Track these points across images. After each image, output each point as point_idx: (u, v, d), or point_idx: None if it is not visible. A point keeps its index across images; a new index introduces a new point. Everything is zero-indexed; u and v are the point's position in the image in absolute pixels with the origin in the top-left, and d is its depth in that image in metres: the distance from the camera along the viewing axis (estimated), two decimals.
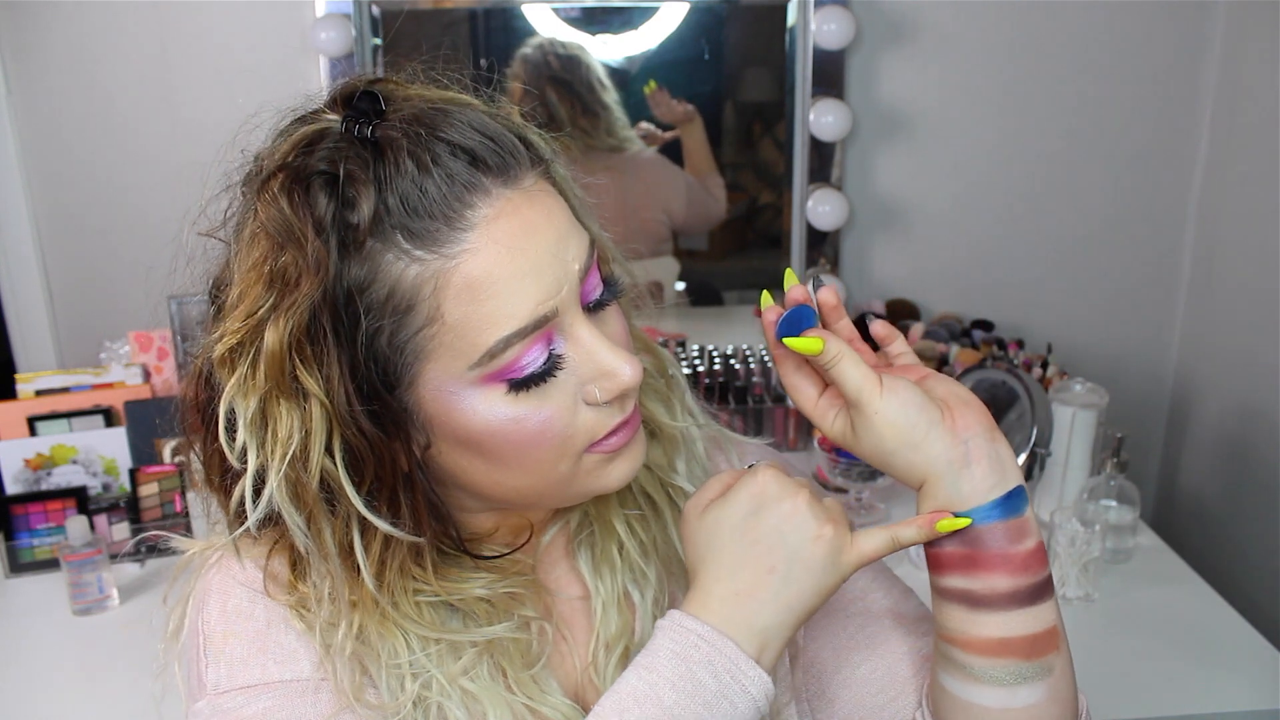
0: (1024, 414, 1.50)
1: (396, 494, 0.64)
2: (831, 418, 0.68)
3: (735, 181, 2.01)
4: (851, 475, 1.66)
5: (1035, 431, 1.48)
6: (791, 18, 1.89)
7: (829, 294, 0.70)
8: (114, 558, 1.60)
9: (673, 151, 1.97)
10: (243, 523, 0.65)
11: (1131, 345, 2.11)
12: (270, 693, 0.66)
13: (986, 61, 1.95)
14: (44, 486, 1.69)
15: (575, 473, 0.66)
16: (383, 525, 0.64)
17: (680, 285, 2.05)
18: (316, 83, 1.85)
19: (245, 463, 0.63)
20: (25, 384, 1.81)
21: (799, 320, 0.67)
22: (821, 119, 1.87)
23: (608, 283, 0.67)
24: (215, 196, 0.69)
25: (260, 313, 0.60)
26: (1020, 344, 1.93)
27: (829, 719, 0.77)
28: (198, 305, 1.86)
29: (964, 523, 0.64)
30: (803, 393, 0.70)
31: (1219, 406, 1.97)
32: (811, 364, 0.68)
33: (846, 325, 0.70)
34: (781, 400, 1.96)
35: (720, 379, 1.99)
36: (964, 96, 1.96)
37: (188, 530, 1.65)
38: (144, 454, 1.72)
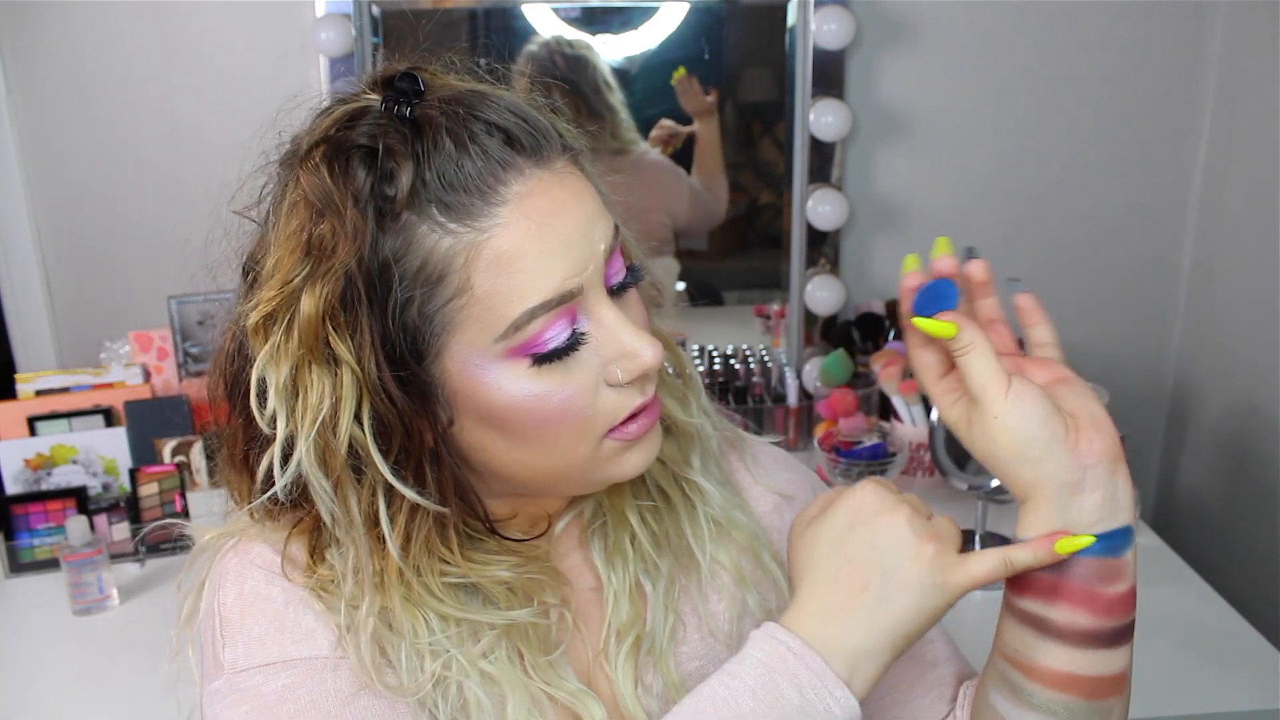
0: None
1: (422, 466, 0.65)
2: (951, 401, 0.66)
3: (735, 181, 2.01)
4: (852, 475, 1.66)
5: None
6: (791, 18, 1.89)
7: (979, 269, 0.67)
8: (114, 558, 1.60)
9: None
10: (269, 496, 0.66)
11: (1131, 345, 2.11)
12: (290, 670, 0.65)
13: (986, 61, 1.95)
14: (44, 486, 1.69)
15: (594, 457, 0.66)
16: (409, 493, 0.64)
17: (680, 285, 2.05)
18: (316, 83, 1.85)
19: (274, 429, 0.63)
20: (25, 384, 1.81)
21: (938, 295, 0.64)
22: (821, 119, 1.87)
23: (630, 269, 0.68)
24: (253, 173, 0.71)
25: (296, 280, 0.61)
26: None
27: None
28: (198, 305, 1.87)
29: (1086, 540, 0.61)
30: (927, 369, 0.68)
31: (1219, 406, 1.97)
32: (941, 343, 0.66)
33: (992, 305, 0.68)
34: (781, 400, 1.96)
35: (720, 379, 1.99)
36: (964, 96, 1.96)
37: (178, 520, 1.65)
38: (144, 454, 1.72)
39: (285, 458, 0.63)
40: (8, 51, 1.83)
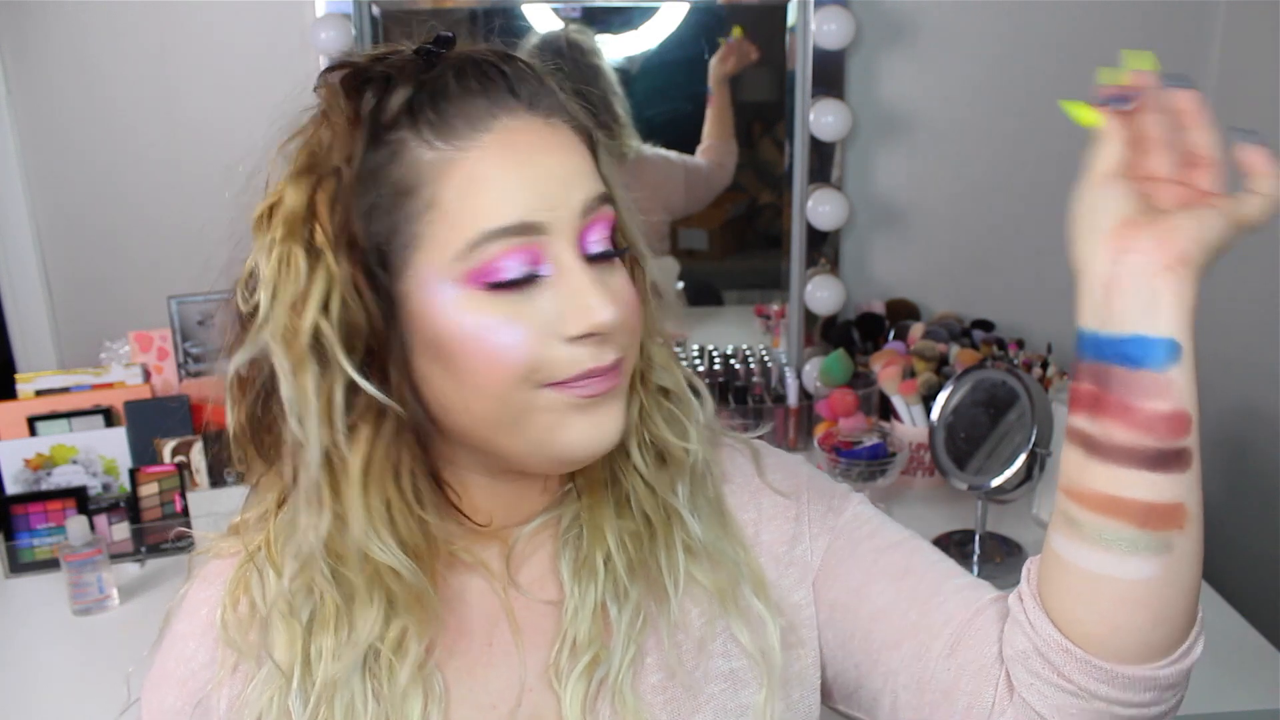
0: (1024, 414, 1.50)
1: (388, 375, 0.66)
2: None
3: (735, 181, 2.01)
4: (852, 475, 1.66)
5: (1035, 431, 1.48)
6: (791, 18, 1.89)
7: (1190, 100, 0.61)
8: (114, 558, 1.60)
9: (666, 134, 1.97)
10: (242, 426, 0.69)
11: None
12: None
13: (986, 61, 1.95)
14: (44, 486, 1.69)
15: (530, 408, 0.65)
16: (369, 388, 0.64)
17: (680, 285, 2.05)
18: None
19: (254, 315, 0.65)
20: (25, 384, 1.81)
21: (1119, 99, 0.62)
22: (821, 119, 1.87)
23: (615, 244, 0.68)
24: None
25: (294, 176, 0.66)
26: (1020, 344, 1.93)
27: (872, 660, 0.74)
28: (198, 305, 1.87)
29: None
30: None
31: (1219, 406, 1.96)
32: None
33: (1201, 140, 0.61)
34: (781, 400, 1.96)
35: (720, 379, 1.99)
36: (964, 96, 1.96)
37: (188, 530, 1.65)
38: (144, 454, 1.72)
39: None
40: (8, 51, 1.83)
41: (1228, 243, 0.60)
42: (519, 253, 0.63)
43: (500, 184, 0.63)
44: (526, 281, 0.64)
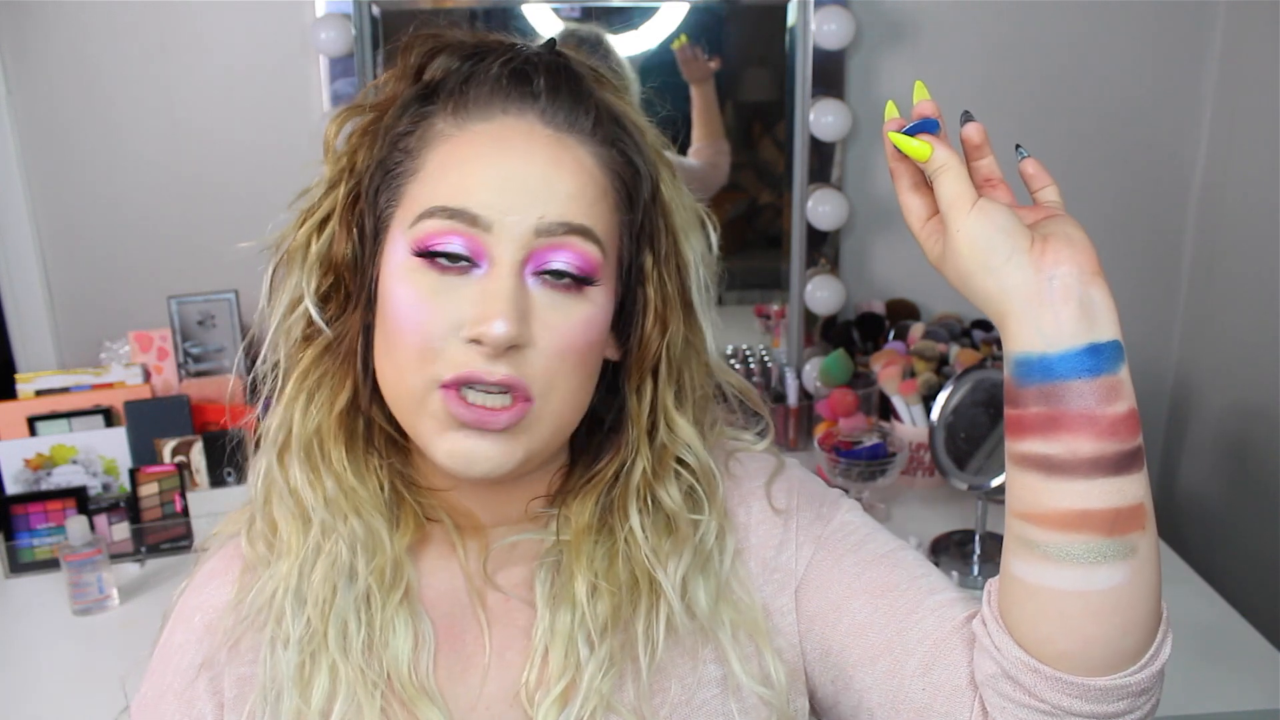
0: None
1: (346, 306, 0.72)
2: (934, 241, 0.66)
3: (735, 181, 2.01)
4: (852, 475, 1.66)
5: None
6: (791, 18, 1.89)
7: (975, 132, 0.67)
8: (114, 558, 1.60)
9: (665, 134, 1.97)
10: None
11: (1131, 345, 2.05)
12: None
13: (986, 62, 1.95)
14: (44, 486, 1.69)
15: (423, 404, 0.66)
16: (313, 309, 0.71)
17: None
18: (316, 83, 1.85)
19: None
20: (25, 384, 1.81)
21: (921, 126, 0.66)
22: (821, 119, 1.87)
23: (582, 277, 0.66)
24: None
25: (356, 104, 0.73)
26: None
27: (847, 676, 0.72)
28: (198, 305, 1.86)
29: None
30: (913, 212, 0.68)
31: (1219, 406, 1.97)
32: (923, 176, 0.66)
33: (989, 164, 0.68)
34: (782, 400, 1.96)
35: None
36: (964, 97, 1.95)
37: (188, 530, 1.65)
38: (144, 454, 1.72)
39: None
40: (8, 51, 1.83)
41: None
42: (455, 235, 0.65)
43: (468, 170, 0.66)
44: (457, 263, 0.65)
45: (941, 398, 1.59)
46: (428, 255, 0.65)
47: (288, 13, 1.84)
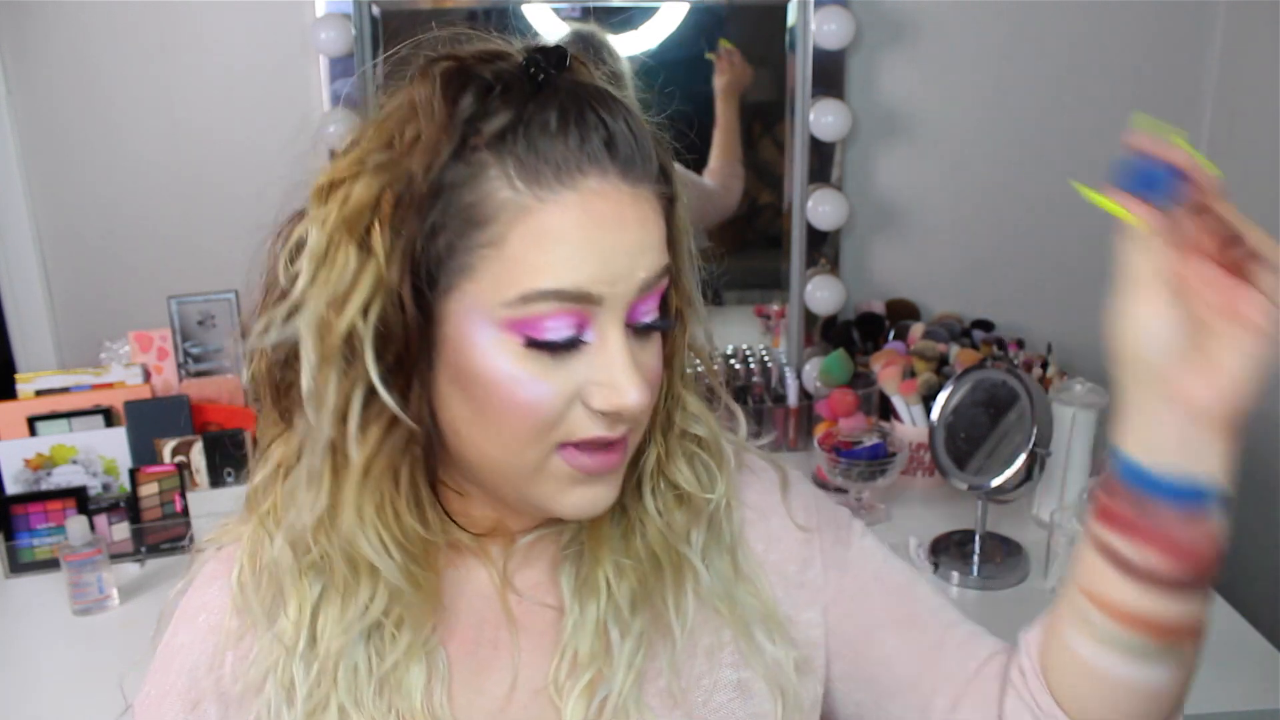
0: (1024, 414, 1.50)
1: (410, 387, 0.65)
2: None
3: None
4: (852, 475, 1.66)
5: (1035, 431, 1.48)
6: (791, 18, 1.89)
7: (1207, 181, 0.57)
8: (114, 558, 1.60)
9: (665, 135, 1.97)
10: (269, 383, 0.69)
11: None
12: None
13: (987, 62, 1.95)
14: (44, 486, 1.69)
15: (540, 469, 0.65)
16: (390, 401, 0.63)
17: None
18: (316, 83, 1.85)
19: (293, 286, 0.64)
20: (25, 384, 1.81)
21: (1149, 179, 0.56)
22: (821, 119, 1.87)
23: (663, 317, 0.68)
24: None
25: (367, 161, 0.63)
26: (1020, 344, 1.93)
27: (874, 703, 0.76)
28: (198, 305, 1.86)
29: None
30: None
31: None
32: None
33: (1213, 223, 0.58)
34: (781, 400, 1.96)
35: (721, 379, 1.99)
36: (964, 96, 1.96)
37: (188, 530, 1.65)
38: (144, 454, 1.72)
39: (290, 316, 0.65)
40: (8, 51, 1.83)
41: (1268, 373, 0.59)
42: (566, 316, 0.62)
43: (569, 248, 0.61)
44: (567, 346, 0.63)
45: (941, 398, 1.59)
46: (533, 344, 0.62)
47: (288, 13, 1.84)
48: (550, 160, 0.61)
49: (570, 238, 0.61)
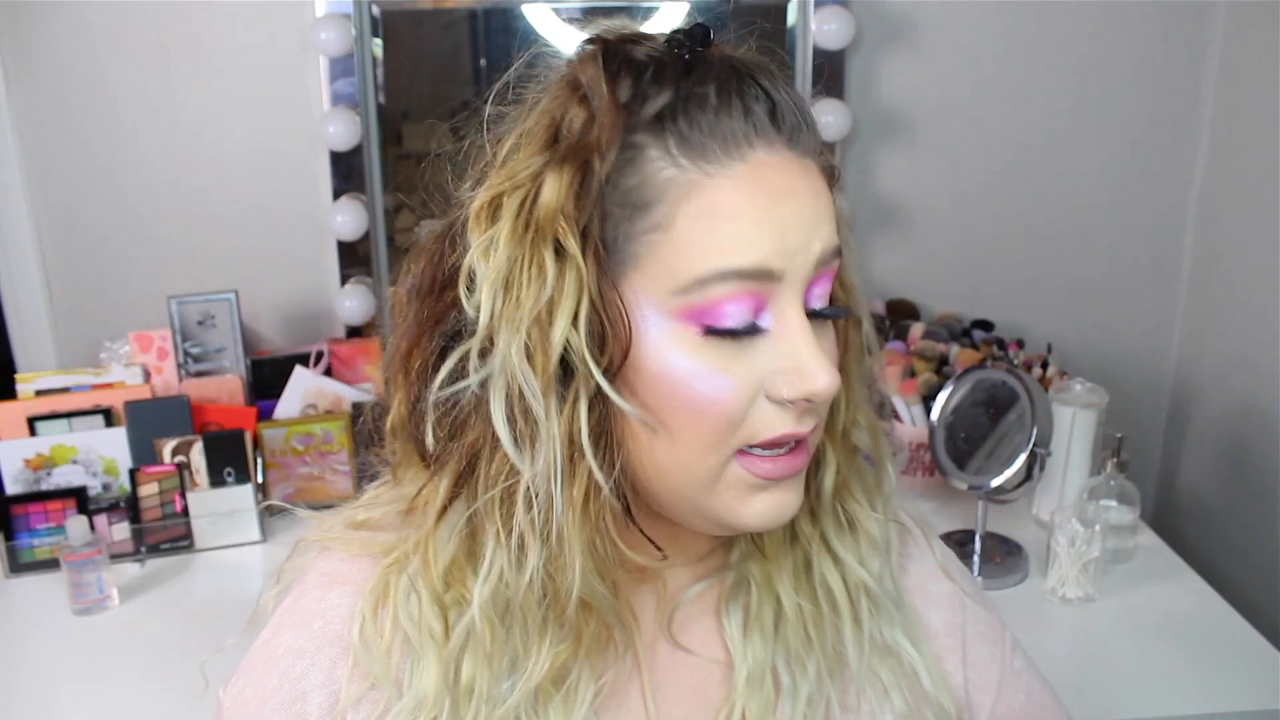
0: (1024, 414, 1.50)
1: (629, 382, 0.59)
2: None
3: None
4: None
5: (1035, 431, 1.48)
6: (791, 18, 1.89)
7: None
8: (114, 558, 1.60)
9: None
10: (435, 419, 0.61)
11: (1131, 345, 2.11)
12: None
13: (986, 61, 1.95)
14: (44, 486, 1.69)
15: (718, 478, 0.60)
16: (624, 405, 0.58)
17: None
18: (316, 83, 1.85)
19: (477, 322, 0.58)
20: (25, 384, 1.81)
21: None
22: (821, 119, 1.87)
23: (835, 303, 0.63)
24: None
25: (536, 165, 0.58)
26: (1020, 344, 1.93)
27: None
28: (198, 305, 1.86)
29: None
30: None
31: (1219, 406, 1.97)
32: None
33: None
34: None
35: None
36: (964, 96, 1.96)
37: (188, 530, 1.65)
38: (144, 454, 1.72)
39: (483, 352, 0.59)
40: (8, 51, 1.83)
41: None
42: (745, 298, 0.57)
43: (745, 222, 0.56)
44: (746, 333, 0.58)
45: (941, 398, 1.59)
46: (710, 331, 0.57)
47: (288, 13, 1.84)
48: (716, 134, 0.57)
49: (744, 213, 0.57)
